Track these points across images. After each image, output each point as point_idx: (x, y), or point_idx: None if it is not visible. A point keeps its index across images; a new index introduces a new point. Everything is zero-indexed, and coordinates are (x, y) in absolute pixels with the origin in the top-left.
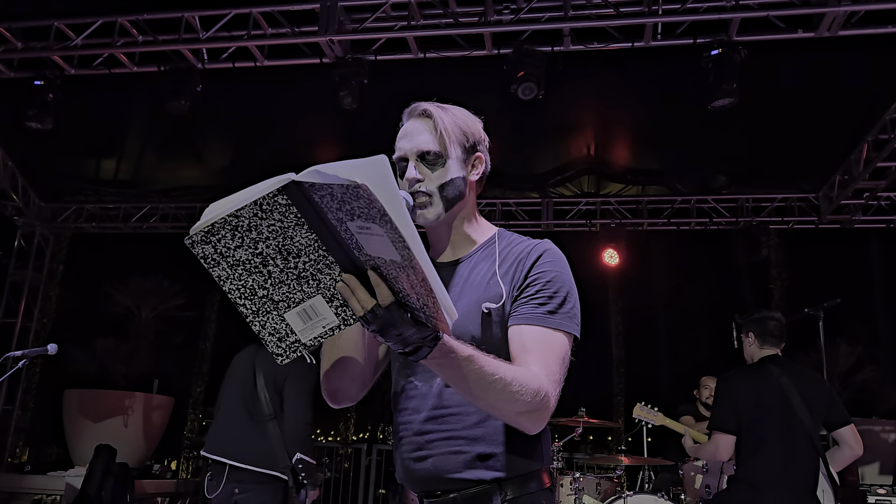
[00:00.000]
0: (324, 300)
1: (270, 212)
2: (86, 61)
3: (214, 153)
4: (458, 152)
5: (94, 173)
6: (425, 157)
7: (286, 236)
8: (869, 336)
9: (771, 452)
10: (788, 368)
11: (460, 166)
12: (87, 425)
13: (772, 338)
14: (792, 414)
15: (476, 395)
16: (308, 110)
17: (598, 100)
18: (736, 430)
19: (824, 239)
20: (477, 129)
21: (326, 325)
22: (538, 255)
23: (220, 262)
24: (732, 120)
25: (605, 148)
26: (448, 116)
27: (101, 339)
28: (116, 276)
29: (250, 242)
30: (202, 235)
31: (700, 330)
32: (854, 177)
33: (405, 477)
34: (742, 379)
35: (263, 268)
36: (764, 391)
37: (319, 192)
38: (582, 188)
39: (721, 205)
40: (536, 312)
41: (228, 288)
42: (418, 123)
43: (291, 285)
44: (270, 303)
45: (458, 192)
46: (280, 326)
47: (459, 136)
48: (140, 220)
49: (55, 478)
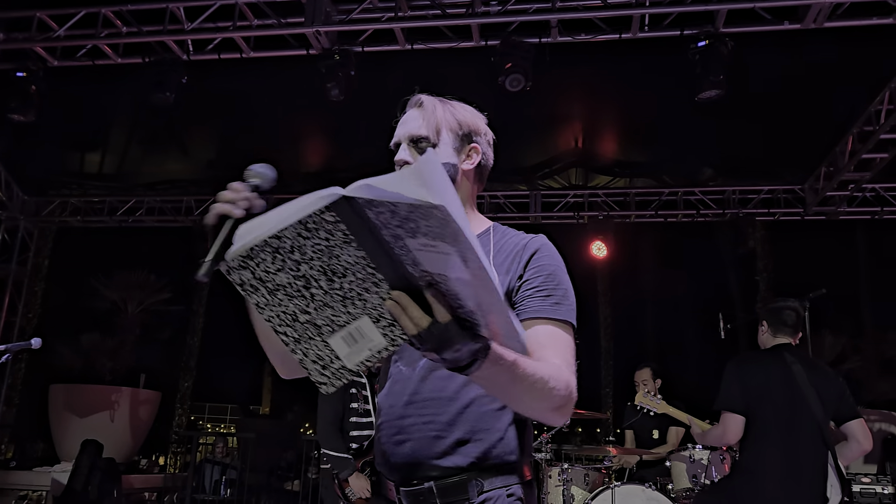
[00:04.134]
0: (370, 321)
1: (316, 230)
2: (69, 53)
3: (200, 146)
4: (449, 139)
5: (78, 167)
6: (416, 142)
7: (332, 255)
8: (853, 327)
9: (776, 440)
10: (802, 358)
11: (452, 153)
12: (73, 420)
13: (785, 327)
14: (802, 403)
15: (516, 397)
16: (295, 102)
17: (585, 92)
18: (744, 411)
19: (810, 230)
20: (474, 120)
21: (373, 348)
22: (535, 249)
23: (259, 288)
24: (719, 112)
25: (592, 140)
26: (442, 106)
27: (87, 334)
28: (102, 271)
29: (292, 264)
30: (240, 261)
31: (687, 321)
32: (839, 168)
33: (383, 463)
34: (753, 362)
35: (306, 290)
36: (775, 377)
37: (377, 208)
38: (570, 180)
39: (708, 196)
40: (545, 305)
41: (268, 315)
42: (414, 111)
43: (336, 307)
44: (313, 328)
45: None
46: (324, 353)
47: (452, 123)
48: (125, 214)
49: (41, 473)
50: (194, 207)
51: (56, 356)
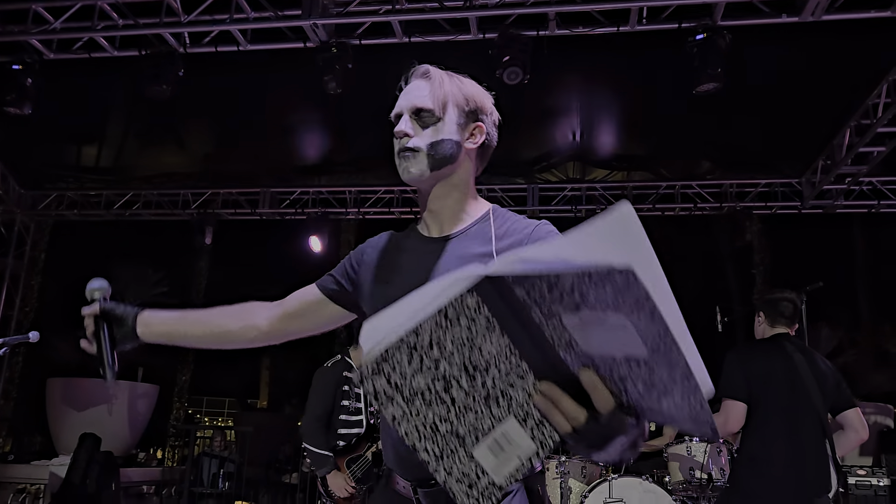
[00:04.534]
0: (516, 423)
1: (456, 319)
2: (65, 45)
3: (197, 139)
4: (455, 115)
5: (74, 160)
6: (419, 114)
7: (473, 347)
8: (850, 320)
9: (779, 427)
10: (801, 347)
11: (456, 129)
12: (71, 414)
13: (783, 318)
14: (803, 392)
15: None
16: (292, 95)
17: (583, 85)
18: (746, 399)
19: (807, 224)
20: (481, 98)
21: (522, 455)
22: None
23: (395, 397)
24: (717, 105)
25: (590, 134)
26: (450, 79)
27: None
28: (99, 264)
29: (430, 363)
30: (373, 366)
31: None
32: (836, 162)
33: (397, 463)
34: (753, 351)
35: (446, 394)
36: (777, 365)
37: (530, 283)
38: (567, 174)
39: (705, 190)
40: None
41: (405, 430)
42: (419, 82)
43: (479, 411)
44: (455, 439)
45: (448, 153)
46: (468, 468)
47: (459, 99)
48: (122, 208)
49: (39, 467)
50: (191, 201)
51: (53, 350)
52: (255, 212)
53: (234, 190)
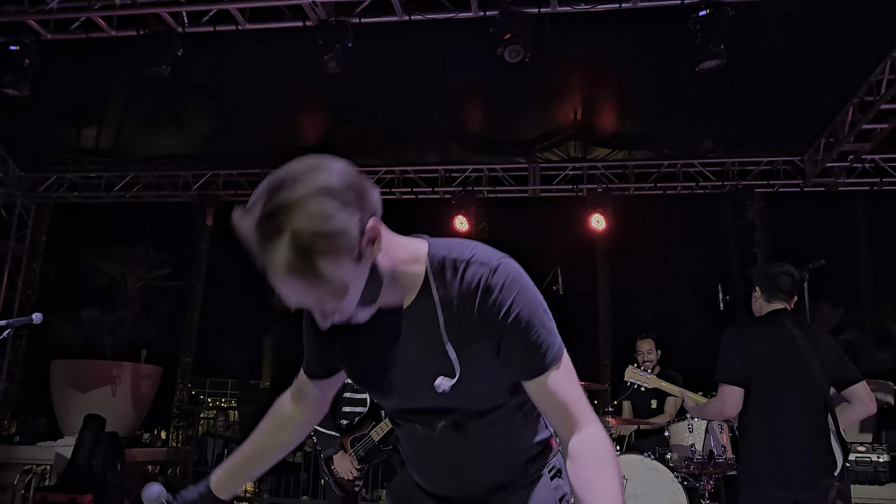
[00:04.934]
0: None
1: None
2: (62, 25)
3: (196, 120)
4: (347, 265)
5: (74, 142)
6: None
7: None
8: (851, 298)
9: (780, 407)
10: (800, 323)
11: (360, 270)
12: (76, 396)
13: (780, 293)
14: (804, 369)
15: None
16: (291, 75)
17: (585, 63)
18: (744, 382)
19: (809, 202)
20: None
21: None
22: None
23: None
24: (719, 82)
25: (591, 112)
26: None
27: (87, 310)
28: (100, 246)
29: None
30: None
31: (686, 294)
32: (839, 139)
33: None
34: (752, 330)
35: None
36: (776, 343)
37: None
38: (569, 153)
39: (707, 168)
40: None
41: None
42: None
43: None
44: None
45: (375, 287)
46: None
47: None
48: (123, 189)
49: (44, 448)
50: (192, 182)
51: (56, 332)
52: None
53: (234, 171)
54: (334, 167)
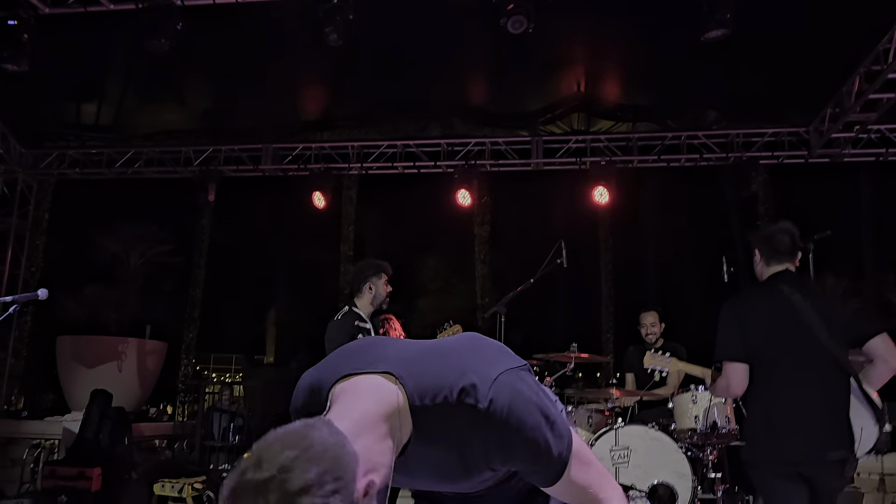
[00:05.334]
0: None
1: None
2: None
3: (197, 95)
4: None
5: (74, 117)
6: None
7: None
8: (855, 269)
9: (787, 379)
10: (801, 286)
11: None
12: (82, 371)
13: (779, 254)
14: (807, 334)
15: None
16: (292, 48)
17: (588, 34)
18: (745, 357)
19: (813, 173)
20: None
21: None
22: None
23: None
24: (724, 53)
25: (595, 84)
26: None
27: (91, 286)
28: (103, 223)
29: None
30: None
31: (689, 266)
32: (845, 109)
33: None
34: (748, 301)
35: None
36: (774, 312)
37: None
38: (572, 126)
39: (711, 140)
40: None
41: None
42: None
43: None
44: None
45: None
46: None
47: None
48: (124, 165)
49: (52, 423)
50: (193, 158)
51: (61, 308)
52: (257, 168)
53: (235, 146)
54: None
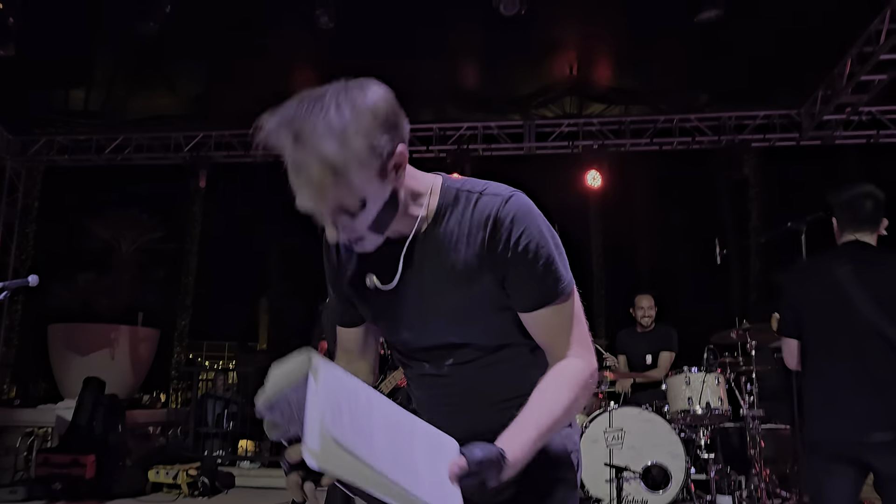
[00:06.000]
0: None
1: None
2: None
3: (187, 80)
4: (373, 180)
5: (63, 104)
6: (338, 212)
7: None
8: None
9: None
10: (857, 256)
11: (381, 190)
12: (74, 359)
13: (856, 221)
14: (850, 310)
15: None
16: (283, 30)
17: (580, 17)
18: (797, 333)
19: (804, 156)
20: (388, 121)
21: None
22: (509, 228)
23: None
24: (716, 36)
25: (587, 68)
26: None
27: (83, 274)
28: (94, 210)
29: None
30: None
31: (681, 249)
32: (837, 91)
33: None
34: (794, 275)
35: None
36: (816, 288)
37: None
38: (564, 109)
39: (704, 123)
40: (544, 290)
41: None
42: (313, 172)
43: None
44: None
45: (390, 214)
46: None
47: (369, 159)
48: (114, 152)
49: (45, 411)
50: (183, 144)
51: (52, 296)
52: (248, 153)
53: (226, 131)
54: (377, 90)
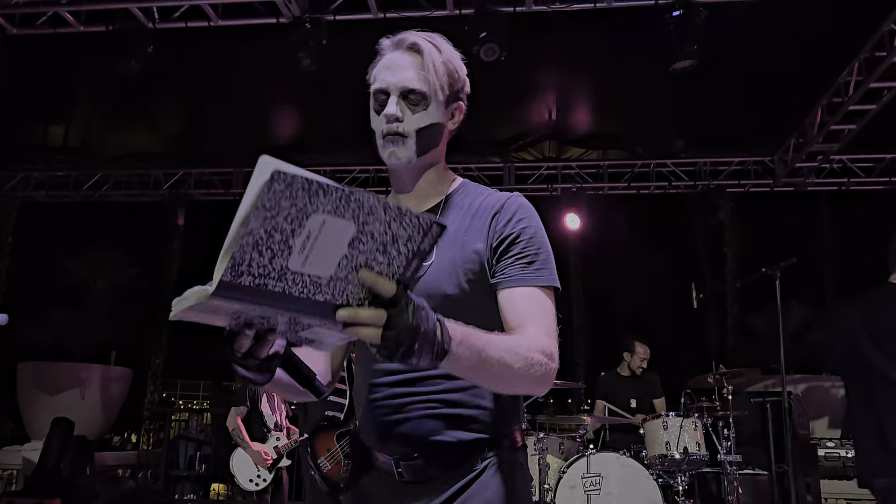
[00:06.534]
0: None
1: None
2: (29, 20)
3: (169, 118)
4: (442, 96)
5: (41, 140)
6: (408, 96)
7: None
8: (817, 296)
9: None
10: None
11: (442, 112)
12: (43, 399)
13: None
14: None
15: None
16: (265, 72)
17: (559, 62)
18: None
19: (778, 202)
20: (463, 74)
21: None
22: (514, 211)
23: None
24: (692, 83)
25: (566, 112)
26: (439, 56)
27: (55, 311)
28: (69, 247)
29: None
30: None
31: (659, 292)
32: (808, 140)
33: (376, 440)
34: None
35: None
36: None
37: None
38: (543, 153)
39: (680, 168)
40: (526, 273)
41: None
42: (406, 57)
43: None
44: None
45: (434, 139)
46: None
47: (447, 79)
48: (92, 188)
49: (11, 452)
50: (163, 181)
51: (23, 334)
52: (228, 192)
53: (206, 169)
54: None
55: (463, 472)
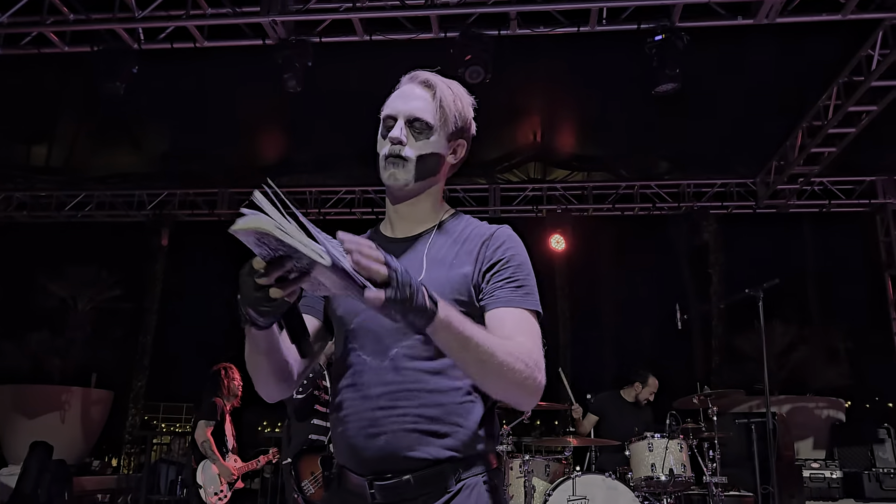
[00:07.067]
0: None
1: None
2: (13, 40)
3: (153, 138)
4: (446, 131)
5: (24, 159)
6: (414, 124)
7: None
8: (801, 317)
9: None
10: None
11: (444, 145)
12: (22, 422)
13: None
14: None
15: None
16: (250, 93)
17: (544, 85)
18: None
19: (760, 223)
20: (469, 115)
21: None
22: (503, 240)
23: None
24: (675, 106)
25: (551, 134)
26: (450, 94)
27: (35, 333)
28: (50, 267)
29: None
30: None
31: (644, 313)
32: (790, 162)
33: (350, 457)
34: None
35: None
36: None
37: None
38: (528, 174)
39: (664, 190)
40: (514, 296)
41: None
42: (418, 90)
43: None
44: None
45: (433, 169)
46: None
47: (453, 116)
48: (74, 209)
49: None
50: (147, 202)
51: (2, 356)
52: (212, 213)
53: (191, 190)
54: None
55: (437, 492)
